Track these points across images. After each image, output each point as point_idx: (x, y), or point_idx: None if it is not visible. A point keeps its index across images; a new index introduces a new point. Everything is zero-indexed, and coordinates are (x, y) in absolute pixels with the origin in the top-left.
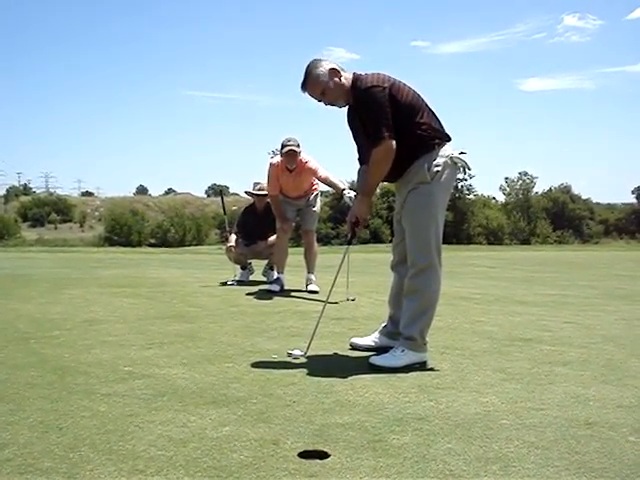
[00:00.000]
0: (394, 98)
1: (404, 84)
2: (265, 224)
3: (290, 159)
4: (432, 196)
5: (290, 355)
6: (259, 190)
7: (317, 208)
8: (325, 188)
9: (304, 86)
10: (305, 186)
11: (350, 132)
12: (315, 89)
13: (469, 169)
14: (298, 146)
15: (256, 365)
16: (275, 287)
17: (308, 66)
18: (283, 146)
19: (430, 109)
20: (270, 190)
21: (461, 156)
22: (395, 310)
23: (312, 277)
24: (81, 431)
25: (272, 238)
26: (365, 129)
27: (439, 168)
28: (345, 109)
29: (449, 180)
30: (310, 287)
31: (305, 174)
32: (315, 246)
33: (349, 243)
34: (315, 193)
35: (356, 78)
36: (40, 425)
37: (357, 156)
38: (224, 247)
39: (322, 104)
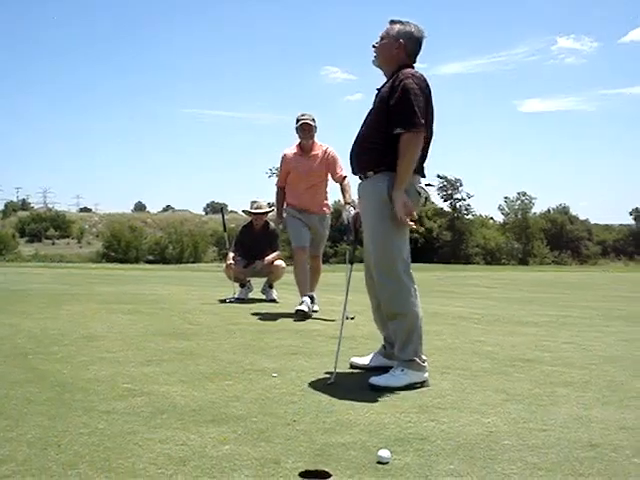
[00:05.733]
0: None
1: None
2: (263, 243)
3: (305, 133)
4: (393, 219)
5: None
6: (256, 208)
7: (327, 232)
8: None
9: (392, 22)
10: (317, 176)
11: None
12: (387, 34)
13: (429, 201)
14: (313, 120)
15: (256, 383)
16: (304, 307)
17: (406, 21)
18: (297, 120)
19: (430, 138)
20: (277, 182)
21: (427, 188)
22: (385, 330)
23: (313, 295)
24: (80, 448)
25: (270, 256)
26: (387, 112)
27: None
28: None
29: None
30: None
31: (320, 163)
32: (320, 269)
33: (354, 242)
34: (327, 215)
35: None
36: (38, 442)
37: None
38: (223, 265)
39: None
